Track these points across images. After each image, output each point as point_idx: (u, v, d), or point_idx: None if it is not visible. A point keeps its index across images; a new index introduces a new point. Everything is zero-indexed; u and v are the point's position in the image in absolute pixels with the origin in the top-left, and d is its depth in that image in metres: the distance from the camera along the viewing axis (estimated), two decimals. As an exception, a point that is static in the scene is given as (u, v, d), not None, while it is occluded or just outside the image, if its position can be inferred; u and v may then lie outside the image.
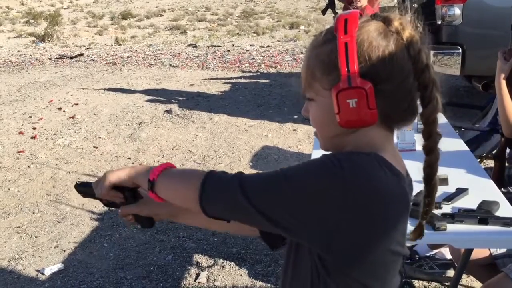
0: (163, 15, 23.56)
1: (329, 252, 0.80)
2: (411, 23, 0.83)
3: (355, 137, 0.85)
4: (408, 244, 0.91)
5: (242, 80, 8.49)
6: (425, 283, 2.53)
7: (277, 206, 0.80)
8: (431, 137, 0.84)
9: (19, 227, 3.45)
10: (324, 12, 7.00)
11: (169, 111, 6.30)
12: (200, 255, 2.96)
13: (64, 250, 3.11)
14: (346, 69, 0.79)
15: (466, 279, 2.50)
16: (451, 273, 2.46)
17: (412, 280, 2.45)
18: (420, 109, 0.85)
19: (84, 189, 1.16)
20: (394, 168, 0.82)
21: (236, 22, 20.50)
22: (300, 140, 5.11)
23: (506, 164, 2.52)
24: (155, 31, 18.55)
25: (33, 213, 3.66)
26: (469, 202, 1.78)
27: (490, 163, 3.36)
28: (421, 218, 0.90)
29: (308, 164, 0.82)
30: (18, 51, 13.64)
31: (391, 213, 0.80)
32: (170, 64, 10.50)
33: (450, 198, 1.80)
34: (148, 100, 7.01)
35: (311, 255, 0.83)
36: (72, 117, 6.23)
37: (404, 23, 0.83)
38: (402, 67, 0.81)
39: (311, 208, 0.77)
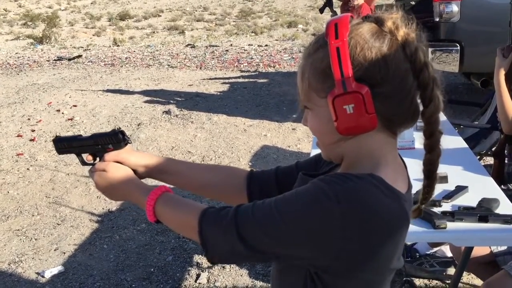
0: (161, 16, 23.57)
1: (326, 273, 0.81)
2: (405, 21, 0.81)
3: (356, 144, 0.83)
4: (408, 242, 0.91)
5: (241, 80, 8.48)
6: (425, 281, 2.52)
7: (277, 247, 0.80)
8: (432, 136, 0.82)
9: (18, 230, 3.44)
10: (321, 10, 7.00)
11: (168, 112, 6.29)
12: (200, 256, 2.95)
13: (64, 253, 3.10)
14: (340, 74, 0.77)
15: (466, 277, 2.50)
16: (451, 270, 2.46)
17: (413, 278, 2.44)
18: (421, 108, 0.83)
19: (62, 144, 1.13)
20: (392, 188, 0.80)
21: (234, 21, 20.52)
22: (299, 139, 5.11)
23: (506, 161, 2.51)
24: (153, 32, 18.56)
25: (33, 215, 3.65)
26: (469, 199, 1.78)
27: (490, 160, 3.36)
28: (420, 202, 0.89)
29: (303, 199, 0.78)
30: (16, 53, 13.64)
31: (392, 236, 0.80)
32: (169, 65, 10.49)
33: (449, 196, 1.80)
34: (146, 101, 7.00)
35: (304, 268, 0.83)
36: (71, 119, 6.23)
37: (397, 22, 0.80)
38: (398, 68, 0.79)
39: (311, 244, 0.77)
